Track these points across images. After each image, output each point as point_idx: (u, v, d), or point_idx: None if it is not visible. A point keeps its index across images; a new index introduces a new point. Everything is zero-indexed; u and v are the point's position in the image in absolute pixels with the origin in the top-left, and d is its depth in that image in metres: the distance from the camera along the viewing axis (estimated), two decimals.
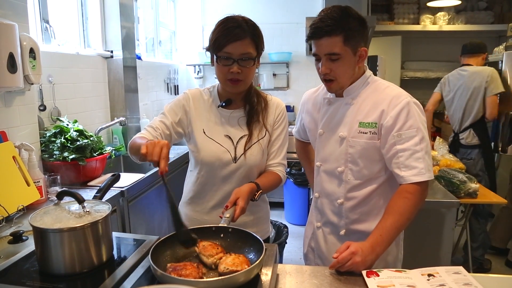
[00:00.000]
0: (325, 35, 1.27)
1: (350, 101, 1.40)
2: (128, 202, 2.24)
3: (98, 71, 3.00)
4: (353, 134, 1.37)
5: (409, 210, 1.24)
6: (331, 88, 1.39)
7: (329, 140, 1.45)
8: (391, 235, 1.22)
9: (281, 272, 1.19)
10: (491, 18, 4.79)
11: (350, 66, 1.34)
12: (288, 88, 5.12)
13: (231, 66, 1.38)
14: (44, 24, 2.53)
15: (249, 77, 1.44)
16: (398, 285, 1.02)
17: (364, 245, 1.19)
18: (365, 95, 1.38)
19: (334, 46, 1.28)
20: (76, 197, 1.10)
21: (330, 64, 1.31)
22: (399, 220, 1.23)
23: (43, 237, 1.03)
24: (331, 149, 1.44)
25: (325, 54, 1.30)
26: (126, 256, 1.14)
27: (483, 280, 1.06)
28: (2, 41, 1.69)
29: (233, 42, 1.35)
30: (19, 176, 1.81)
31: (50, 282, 1.01)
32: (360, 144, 1.36)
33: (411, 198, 1.25)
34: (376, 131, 1.34)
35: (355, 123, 1.37)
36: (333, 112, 1.44)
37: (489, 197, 2.57)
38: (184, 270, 0.94)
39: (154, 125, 1.46)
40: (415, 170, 1.26)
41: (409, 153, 1.27)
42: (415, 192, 1.26)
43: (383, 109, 1.32)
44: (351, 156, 1.38)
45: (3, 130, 1.87)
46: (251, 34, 1.38)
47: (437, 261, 2.21)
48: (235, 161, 1.47)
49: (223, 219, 1.23)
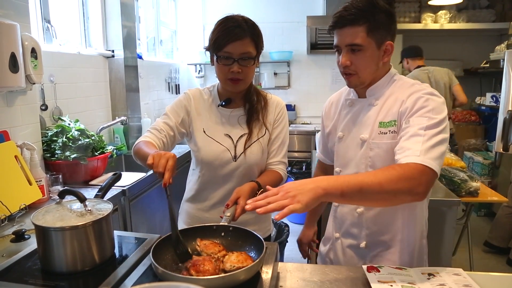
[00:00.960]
0: (348, 24, 1.18)
1: (373, 101, 1.28)
2: (130, 201, 2.25)
3: (99, 70, 3.01)
4: (374, 136, 1.25)
5: (386, 179, 0.99)
6: (351, 82, 1.28)
7: (349, 144, 1.33)
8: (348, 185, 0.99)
9: (282, 270, 1.19)
10: (492, 16, 4.78)
11: (373, 60, 1.22)
12: (289, 87, 5.12)
13: (231, 65, 1.39)
14: (45, 24, 2.54)
15: (249, 76, 1.45)
16: (398, 282, 1.02)
17: (301, 181, 1.01)
18: (389, 94, 1.27)
19: (356, 37, 1.18)
20: (78, 195, 1.11)
21: (351, 56, 1.21)
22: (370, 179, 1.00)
23: (45, 236, 1.03)
24: (351, 153, 1.32)
25: (346, 44, 1.21)
26: (128, 255, 1.15)
27: (484, 279, 1.06)
28: (4, 41, 1.70)
29: (233, 42, 1.36)
30: (21, 175, 1.82)
31: (52, 280, 1.02)
32: (380, 146, 1.23)
33: (398, 170, 1.02)
34: (395, 129, 1.21)
35: (376, 124, 1.25)
36: (355, 114, 1.33)
37: (490, 195, 2.57)
38: (203, 266, 0.95)
39: (158, 127, 1.47)
40: (409, 151, 1.06)
41: (408, 135, 1.11)
42: (405, 168, 1.02)
43: (401, 102, 1.21)
44: (371, 160, 1.25)
45: (5, 130, 1.88)
46: (250, 34, 1.39)
47: (438, 260, 2.21)
48: (235, 159, 1.48)
49: (224, 218, 1.24)
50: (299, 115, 5.17)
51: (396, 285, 1.00)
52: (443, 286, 1.00)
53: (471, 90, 5.07)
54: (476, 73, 4.90)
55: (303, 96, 5.14)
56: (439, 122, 1.11)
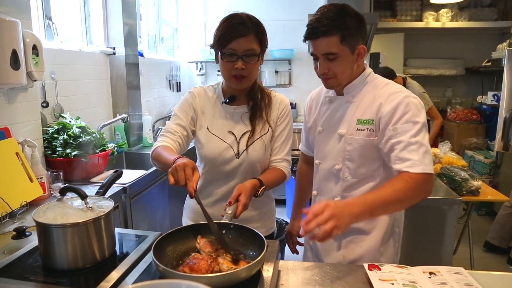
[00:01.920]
0: (322, 35, 1.26)
1: (350, 99, 1.39)
2: (131, 198, 2.25)
3: (100, 68, 3.01)
4: (351, 132, 1.36)
5: (405, 192, 1.16)
6: (328, 84, 1.38)
7: (328, 138, 1.44)
8: (375, 206, 1.12)
9: (283, 268, 1.19)
10: (494, 15, 4.77)
11: (348, 64, 1.32)
12: (290, 85, 5.11)
13: (235, 62, 1.39)
14: (46, 21, 2.53)
15: (253, 73, 1.45)
16: (399, 280, 1.02)
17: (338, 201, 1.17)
18: (364, 92, 1.37)
19: (331, 46, 1.26)
20: (79, 193, 1.11)
21: (328, 63, 1.31)
22: (390, 196, 1.14)
23: (46, 233, 1.04)
24: (330, 147, 1.43)
25: (322, 54, 1.29)
26: (129, 252, 1.15)
27: (485, 278, 1.06)
28: (5, 38, 1.70)
29: (238, 39, 1.36)
30: (22, 172, 1.82)
31: (53, 277, 1.02)
32: (358, 142, 1.34)
33: (411, 182, 1.16)
34: (373, 128, 1.32)
35: (354, 120, 1.36)
36: (334, 110, 1.43)
37: (492, 194, 2.57)
38: (197, 265, 0.96)
39: (171, 129, 1.47)
40: (409, 162, 1.19)
41: (403, 145, 1.22)
42: (416, 179, 1.17)
43: (379, 105, 1.30)
44: (349, 154, 1.37)
45: (6, 127, 1.88)
46: (255, 31, 1.39)
47: (438, 259, 2.21)
48: (238, 156, 1.48)
49: (225, 216, 1.24)
50: (300, 113, 5.16)
51: (397, 284, 1.01)
52: (444, 285, 1.00)
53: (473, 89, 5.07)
54: (477, 72, 4.89)
55: (304, 95, 5.09)
56: (422, 126, 1.24)
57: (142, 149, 3.27)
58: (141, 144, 3.36)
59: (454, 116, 4.89)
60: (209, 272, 0.95)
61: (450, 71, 5.01)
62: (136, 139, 3.31)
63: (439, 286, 1.00)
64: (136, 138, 3.32)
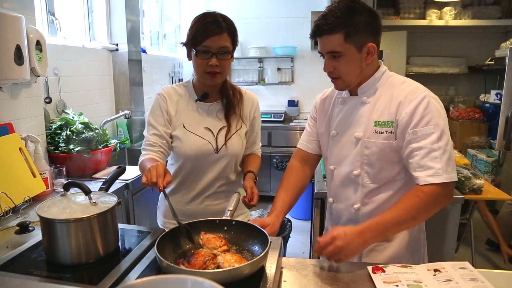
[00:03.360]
0: (326, 33, 1.22)
1: (365, 99, 1.31)
2: (133, 194, 2.26)
3: (103, 64, 3.01)
4: (369, 135, 1.27)
5: (417, 210, 1.14)
6: (337, 86, 1.33)
7: (343, 141, 1.36)
8: (388, 228, 1.14)
9: (285, 265, 1.19)
10: (498, 13, 4.74)
11: (355, 63, 1.25)
12: (292, 82, 5.11)
13: (209, 59, 1.43)
14: (50, 17, 2.53)
15: (226, 69, 1.51)
16: (404, 281, 1.02)
17: (350, 229, 1.13)
18: (380, 92, 1.30)
19: (334, 44, 1.22)
20: (83, 188, 1.11)
21: (333, 62, 1.26)
22: (402, 216, 1.14)
23: (50, 228, 1.04)
24: (346, 151, 1.35)
25: (326, 52, 1.26)
26: (132, 248, 1.15)
27: (487, 276, 1.06)
28: (9, 33, 1.70)
29: (212, 37, 1.42)
30: (26, 168, 1.83)
31: (56, 272, 1.02)
32: (376, 145, 1.26)
33: (424, 198, 1.13)
34: (392, 130, 1.24)
35: (371, 122, 1.28)
36: (348, 112, 1.35)
37: (494, 193, 2.56)
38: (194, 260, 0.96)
39: (150, 142, 1.51)
40: (431, 171, 1.14)
41: (425, 151, 1.16)
42: (430, 193, 1.14)
43: (398, 105, 1.23)
44: (367, 158, 1.28)
45: (9, 122, 1.88)
46: (227, 29, 1.45)
47: (440, 256, 2.21)
48: (217, 151, 1.54)
49: (226, 212, 1.24)
50: (302, 111, 5.16)
51: (402, 285, 1.00)
52: (449, 282, 1.00)
53: (476, 87, 5.05)
54: (480, 70, 4.87)
55: (306, 92, 5.13)
56: (444, 128, 1.18)
57: None
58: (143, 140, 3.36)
59: (456, 115, 4.87)
60: (203, 268, 0.95)
61: (453, 69, 4.98)
62: (138, 135, 3.31)
63: (444, 283, 1.00)
64: (139, 135, 3.32)
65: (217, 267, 0.97)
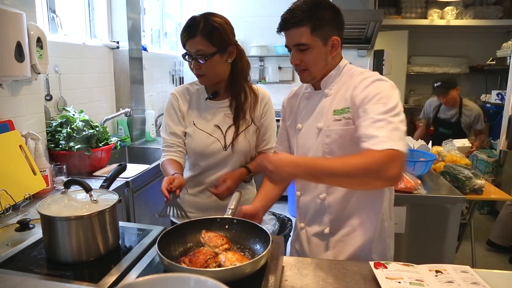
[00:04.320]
0: (292, 26, 1.26)
1: (327, 92, 1.36)
2: (133, 192, 2.25)
3: (104, 61, 3.00)
4: (329, 123, 1.31)
5: (355, 168, 1.07)
6: (304, 78, 1.36)
7: (306, 133, 1.40)
8: (322, 172, 1.11)
9: (286, 264, 1.19)
10: (500, 13, 4.74)
11: (321, 56, 1.29)
12: (293, 81, 5.09)
13: (191, 62, 1.50)
14: (50, 13, 2.52)
15: (211, 71, 1.52)
16: (406, 278, 1.02)
17: (287, 156, 1.18)
18: (341, 83, 1.34)
19: (301, 37, 1.25)
20: (84, 186, 1.11)
21: (300, 54, 1.29)
22: (339, 167, 1.09)
23: (50, 225, 1.04)
24: (309, 142, 1.38)
25: (293, 45, 1.29)
26: (132, 246, 1.15)
27: (488, 276, 1.05)
28: (10, 30, 1.69)
29: (187, 41, 1.48)
30: (26, 165, 1.82)
31: (57, 270, 1.02)
32: (336, 132, 1.29)
33: (365, 160, 1.08)
34: (350, 116, 1.26)
35: (330, 112, 1.32)
36: (312, 106, 1.40)
37: (495, 193, 2.56)
38: (195, 258, 0.96)
39: (168, 143, 1.62)
40: (375, 139, 1.09)
41: (369, 122, 1.14)
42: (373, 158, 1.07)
43: (352, 91, 1.26)
44: (328, 147, 1.31)
45: (10, 119, 1.87)
46: (201, 32, 1.45)
47: (440, 256, 2.20)
48: (225, 149, 1.58)
49: (228, 210, 1.24)
50: None
51: (404, 282, 1.00)
52: (451, 284, 0.99)
53: (477, 88, 5.04)
54: (482, 70, 4.87)
55: None
56: (395, 106, 1.15)
57: (145, 143, 3.27)
58: (144, 138, 3.36)
59: None
60: (204, 267, 0.95)
61: (454, 69, 4.98)
62: (139, 133, 3.31)
63: (446, 284, 0.99)
64: (139, 133, 3.31)
65: (219, 266, 0.97)
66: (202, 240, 1.09)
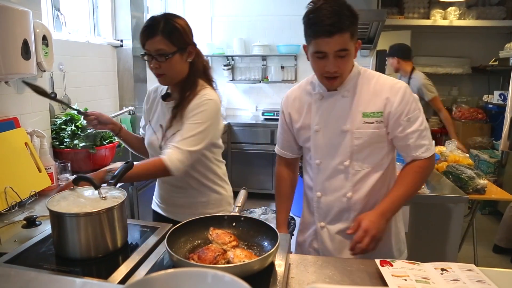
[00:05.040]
0: (338, 32, 1.23)
1: (346, 93, 1.38)
2: (137, 190, 2.26)
3: (107, 60, 3.01)
4: (358, 126, 1.36)
5: (418, 183, 1.36)
6: (334, 85, 1.36)
7: (328, 136, 1.41)
8: (400, 203, 1.33)
9: (292, 262, 1.19)
10: (503, 13, 4.73)
11: (351, 60, 1.35)
12: (295, 81, 5.09)
13: (151, 62, 1.50)
14: (55, 11, 2.53)
15: (171, 70, 1.51)
16: (412, 276, 1.02)
17: (373, 215, 1.28)
18: (360, 85, 1.38)
19: (344, 42, 1.25)
20: (93, 183, 1.11)
21: (338, 61, 1.28)
22: (409, 191, 1.33)
23: (60, 222, 1.04)
24: (332, 144, 1.40)
25: (335, 51, 1.26)
26: (140, 243, 1.15)
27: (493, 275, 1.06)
28: (17, 27, 1.70)
29: (147, 41, 1.47)
30: (31, 162, 1.83)
31: (66, 266, 1.02)
32: (367, 135, 1.36)
33: (420, 171, 1.35)
34: (382, 119, 1.36)
35: (358, 114, 1.36)
36: (329, 107, 1.40)
37: (497, 193, 2.56)
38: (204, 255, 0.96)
39: (140, 135, 1.80)
40: (424, 148, 1.35)
41: (417, 134, 1.34)
42: (424, 166, 1.36)
43: (387, 97, 1.34)
44: (357, 148, 1.37)
45: (15, 117, 1.88)
46: (161, 32, 1.45)
47: (443, 256, 2.21)
48: (161, 148, 1.57)
49: (235, 208, 1.24)
50: None
51: (410, 279, 1.01)
52: (457, 282, 1.00)
53: (479, 88, 5.04)
54: (484, 71, 4.86)
55: None
56: (421, 109, 1.39)
57: None
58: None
59: (459, 115, 4.87)
60: (213, 263, 0.96)
61: (457, 69, 4.98)
62: None
63: (451, 282, 1.00)
64: None
65: (227, 263, 0.97)
66: (210, 237, 1.09)
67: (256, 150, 4.66)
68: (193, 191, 1.64)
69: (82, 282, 0.85)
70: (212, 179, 1.66)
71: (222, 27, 5.06)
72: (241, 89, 5.29)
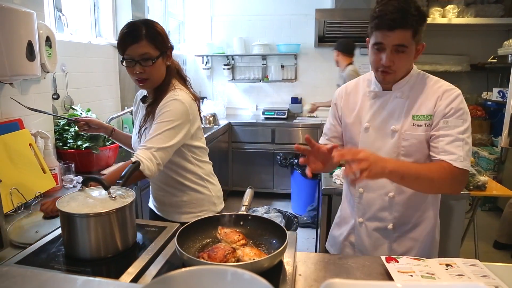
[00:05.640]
0: (399, 27, 1.24)
1: (400, 94, 1.38)
2: (141, 190, 2.26)
3: (109, 60, 3.01)
4: (407, 127, 1.36)
5: (439, 175, 1.25)
6: (386, 80, 1.36)
7: (377, 134, 1.42)
8: (408, 173, 1.23)
9: (299, 259, 1.20)
10: (501, 11, 4.74)
11: (410, 60, 1.33)
12: (295, 80, 5.11)
13: (134, 67, 1.50)
14: (57, 12, 2.54)
15: (154, 75, 1.53)
16: (418, 272, 1.04)
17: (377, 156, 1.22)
18: (416, 88, 1.38)
19: (404, 39, 1.26)
20: (102, 183, 1.12)
21: (394, 56, 1.29)
22: (423, 172, 1.25)
23: (70, 222, 1.05)
24: (380, 143, 1.41)
25: (393, 45, 1.27)
26: (149, 243, 1.17)
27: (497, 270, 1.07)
28: (22, 29, 1.71)
29: (131, 45, 1.47)
30: (36, 164, 1.83)
31: (76, 266, 1.04)
32: (415, 137, 1.35)
33: (445, 171, 1.25)
34: (430, 122, 1.34)
35: (408, 116, 1.36)
36: (381, 106, 1.41)
37: (497, 190, 2.58)
38: (214, 254, 0.97)
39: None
40: (454, 156, 1.26)
41: (450, 139, 1.28)
42: (451, 171, 1.25)
43: (436, 100, 1.33)
44: (405, 150, 1.37)
45: (19, 118, 1.89)
46: (146, 36, 1.48)
47: (445, 252, 2.22)
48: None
49: (242, 207, 1.25)
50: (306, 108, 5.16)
51: (416, 275, 1.02)
52: (462, 277, 1.01)
53: (478, 85, 5.06)
54: (483, 68, 4.88)
55: (310, 89, 5.14)
56: (469, 125, 1.32)
57: None
58: None
59: None
60: (223, 262, 0.97)
61: (456, 67, 5.00)
62: None
63: (456, 277, 1.02)
64: None
65: (237, 261, 0.99)
66: (219, 236, 1.11)
67: (257, 149, 4.67)
68: (174, 190, 1.68)
69: (98, 281, 0.86)
70: (191, 179, 1.67)
71: (222, 27, 5.07)
72: (241, 88, 5.30)
